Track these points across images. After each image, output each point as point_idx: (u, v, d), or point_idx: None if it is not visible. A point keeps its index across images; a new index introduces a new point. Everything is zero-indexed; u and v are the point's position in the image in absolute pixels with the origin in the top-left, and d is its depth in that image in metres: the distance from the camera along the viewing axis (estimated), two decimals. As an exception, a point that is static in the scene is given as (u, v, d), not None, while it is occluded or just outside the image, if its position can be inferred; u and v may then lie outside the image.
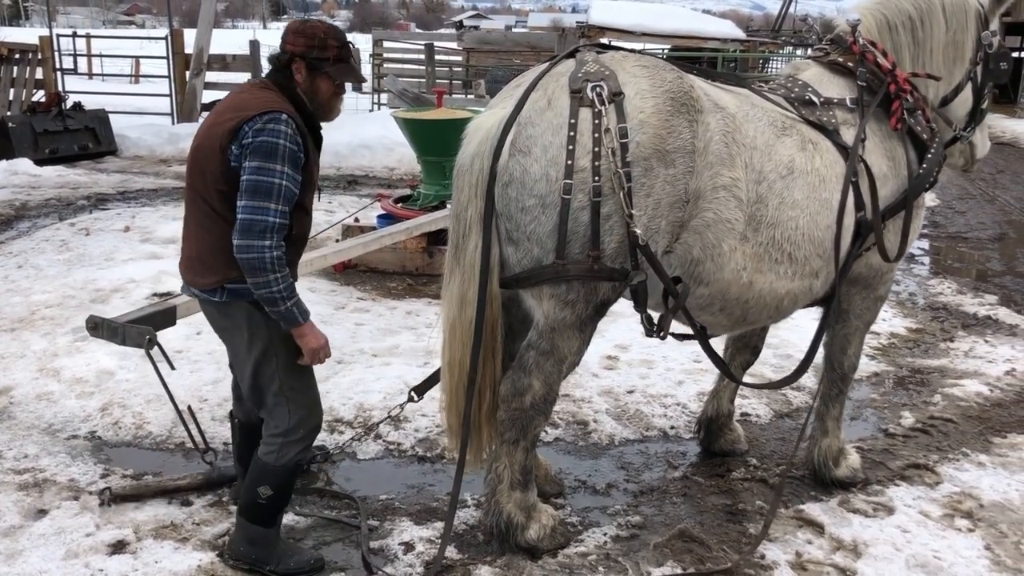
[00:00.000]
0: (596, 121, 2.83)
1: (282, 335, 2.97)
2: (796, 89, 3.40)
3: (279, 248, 2.79)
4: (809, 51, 3.77)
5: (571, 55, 3.08)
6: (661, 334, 3.17)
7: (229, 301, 2.94)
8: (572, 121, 2.84)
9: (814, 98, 3.36)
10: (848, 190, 3.22)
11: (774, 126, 3.18)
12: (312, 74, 2.93)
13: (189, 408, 3.84)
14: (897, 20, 3.52)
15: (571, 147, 2.83)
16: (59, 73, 15.09)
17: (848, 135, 3.32)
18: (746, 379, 4.13)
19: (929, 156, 3.44)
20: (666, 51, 19.10)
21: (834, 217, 3.22)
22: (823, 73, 3.52)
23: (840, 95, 3.42)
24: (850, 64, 3.47)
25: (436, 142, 7.02)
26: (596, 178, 2.82)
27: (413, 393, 3.71)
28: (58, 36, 16.12)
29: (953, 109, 3.70)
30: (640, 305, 3.07)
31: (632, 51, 3.20)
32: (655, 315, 3.20)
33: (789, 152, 3.16)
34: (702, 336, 3.34)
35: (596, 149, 2.82)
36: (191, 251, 2.99)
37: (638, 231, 2.85)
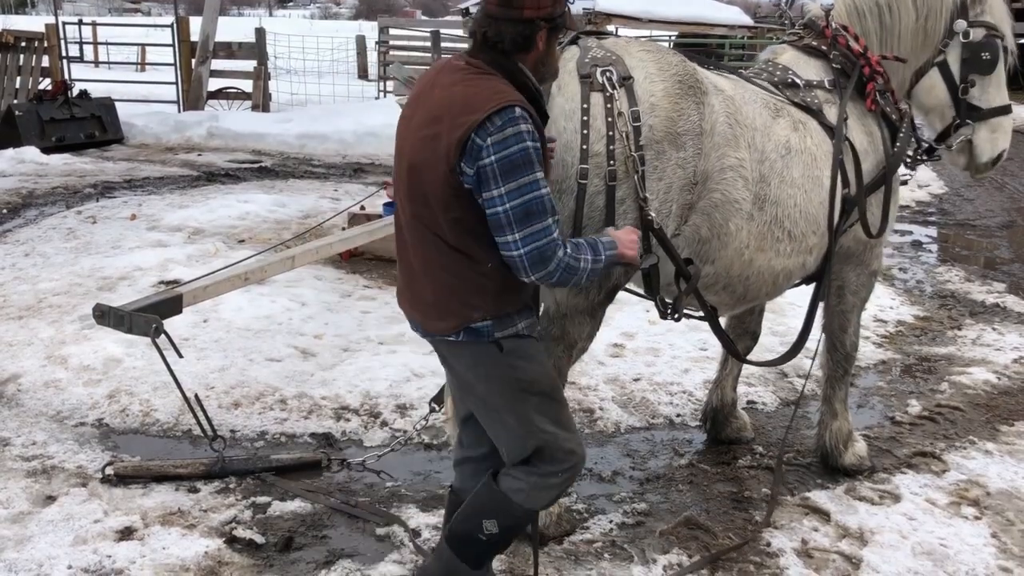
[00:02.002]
0: (608, 105, 2.83)
1: (531, 374, 2.48)
2: (778, 72, 3.47)
3: (565, 247, 2.30)
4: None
5: (572, 42, 3.08)
6: (676, 316, 3.18)
7: (468, 342, 2.42)
8: (584, 106, 2.84)
9: (796, 80, 3.44)
10: (837, 168, 3.30)
11: (768, 107, 3.26)
12: (551, 37, 2.34)
13: (196, 396, 3.86)
14: (865, 6, 3.59)
15: (585, 132, 2.83)
16: (65, 61, 15.10)
17: (831, 114, 3.40)
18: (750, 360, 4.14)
19: (901, 135, 3.52)
20: (673, 38, 18.99)
21: (825, 194, 3.29)
22: (799, 56, 3.59)
23: (818, 76, 3.50)
24: (823, 47, 3.55)
25: (442, 130, 6.99)
26: (611, 162, 2.82)
27: (434, 403, 3.72)
28: (64, 24, 16.09)
29: (918, 96, 3.75)
30: (652, 289, 3.08)
31: (629, 38, 3.24)
32: (668, 298, 3.21)
33: (785, 132, 3.23)
34: (712, 317, 3.35)
35: (610, 133, 2.82)
36: (425, 292, 2.43)
37: (653, 214, 2.85)
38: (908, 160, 3.69)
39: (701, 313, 3.29)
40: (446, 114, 2.24)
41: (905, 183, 3.95)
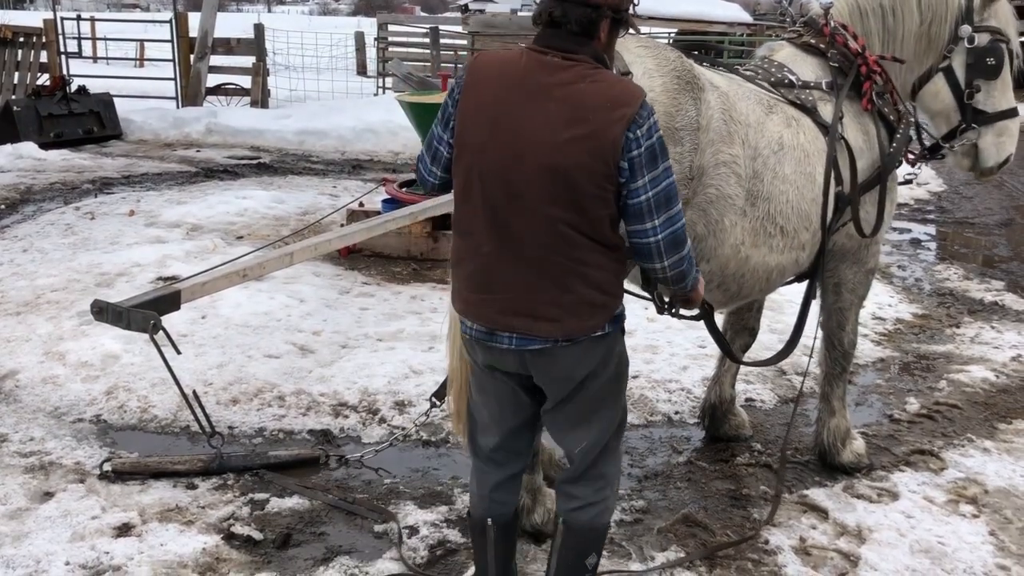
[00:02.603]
0: None
1: (627, 356, 2.58)
2: (773, 69, 3.47)
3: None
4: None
5: None
6: (673, 311, 3.18)
7: (608, 333, 2.42)
8: None
9: (791, 77, 3.44)
10: (830, 165, 3.30)
11: (761, 104, 3.26)
12: (613, 30, 2.34)
13: (194, 392, 3.86)
14: (868, 7, 3.59)
15: None
16: (63, 56, 15.07)
17: (825, 112, 3.40)
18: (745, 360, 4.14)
19: (898, 136, 3.52)
20: (672, 35, 18.97)
21: (818, 191, 3.29)
22: (796, 53, 3.60)
23: (815, 74, 3.50)
24: (821, 45, 3.55)
25: (441, 126, 6.98)
26: None
27: (434, 399, 3.72)
28: (62, 19, 16.10)
29: (923, 101, 3.75)
30: (650, 284, 3.08)
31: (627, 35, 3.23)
32: (665, 295, 3.21)
33: (778, 128, 3.23)
34: (706, 314, 3.35)
35: None
36: (560, 298, 2.32)
37: None
38: (912, 158, 3.69)
39: (695, 312, 3.29)
40: (591, 113, 2.21)
41: (909, 182, 3.95)
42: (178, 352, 3.78)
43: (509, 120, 2.28)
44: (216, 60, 15.19)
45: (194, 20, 14.95)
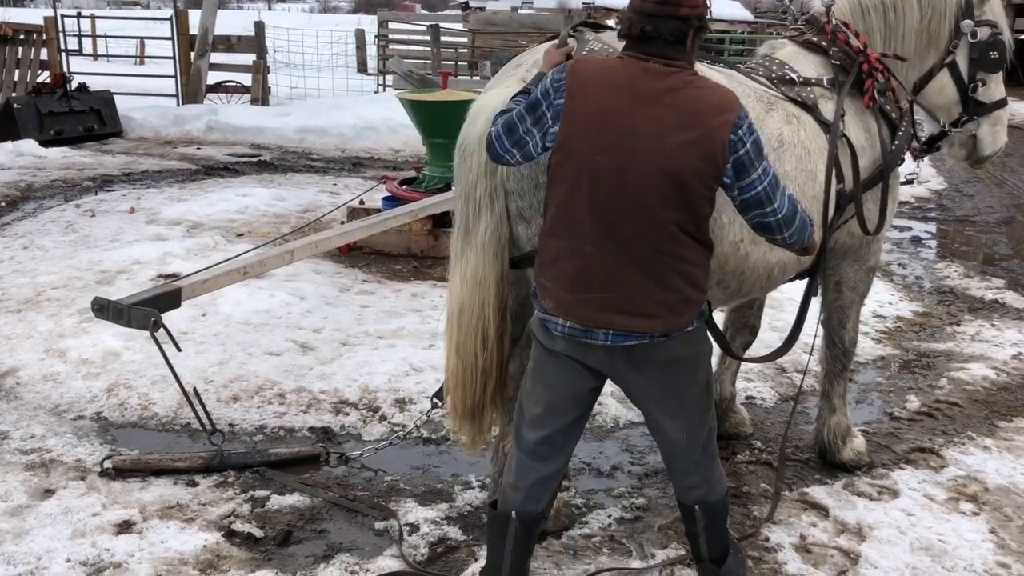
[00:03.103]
0: None
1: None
2: (774, 68, 3.47)
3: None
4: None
5: (570, 34, 3.08)
6: None
7: (698, 326, 2.56)
8: None
9: (792, 75, 3.44)
10: (832, 163, 3.30)
11: (761, 101, 3.25)
12: (697, 37, 2.44)
13: (195, 389, 3.86)
14: (870, 4, 3.60)
15: None
16: (64, 54, 15.04)
17: (826, 109, 3.40)
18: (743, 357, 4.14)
19: (900, 134, 3.53)
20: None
21: (819, 188, 3.29)
22: (798, 51, 3.60)
23: (816, 72, 3.50)
24: (823, 43, 3.55)
25: (441, 124, 6.99)
26: None
27: (435, 399, 3.72)
28: (63, 16, 16.07)
29: (927, 96, 3.76)
30: None
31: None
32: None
33: (778, 126, 3.23)
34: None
35: None
36: (661, 296, 2.41)
37: None
38: (915, 153, 3.70)
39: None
40: (699, 118, 2.33)
41: (910, 182, 3.95)
42: (179, 349, 3.79)
43: (620, 124, 2.35)
44: (216, 57, 15.18)
45: (194, 17, 14.94)
